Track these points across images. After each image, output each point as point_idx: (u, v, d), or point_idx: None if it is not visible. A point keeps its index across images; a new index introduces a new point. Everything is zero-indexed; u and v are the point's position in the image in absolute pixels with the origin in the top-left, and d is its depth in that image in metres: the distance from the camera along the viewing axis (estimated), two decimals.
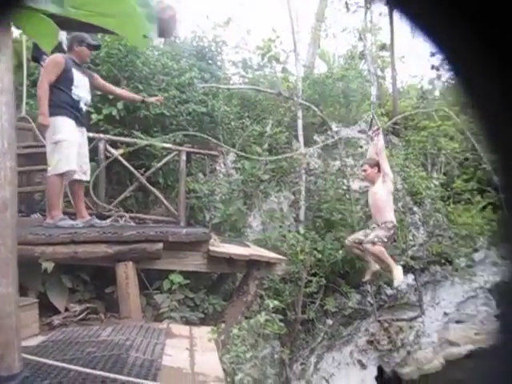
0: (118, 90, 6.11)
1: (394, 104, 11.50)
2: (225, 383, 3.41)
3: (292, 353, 8.41)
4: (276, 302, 4.99)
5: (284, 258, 5.82)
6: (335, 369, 9.89)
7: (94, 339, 4.16)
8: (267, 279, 7.64)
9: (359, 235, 6.87)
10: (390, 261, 6.54)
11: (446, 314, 11.71)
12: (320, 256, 7.74)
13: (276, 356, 7.96)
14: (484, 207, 10.39)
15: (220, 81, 10.05)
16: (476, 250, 11.13)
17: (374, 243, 6.28)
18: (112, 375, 3.19)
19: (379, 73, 12.98)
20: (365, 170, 6.56)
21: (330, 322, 8.80)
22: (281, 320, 7.49)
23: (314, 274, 7.90)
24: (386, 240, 6.35)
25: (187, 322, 5.04)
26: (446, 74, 15.02)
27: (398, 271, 6.55)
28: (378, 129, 6.69)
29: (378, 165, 6.32)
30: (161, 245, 4.94)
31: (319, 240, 8.00)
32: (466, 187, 10.73)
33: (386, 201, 6.44)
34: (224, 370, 4.00)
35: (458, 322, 12.46)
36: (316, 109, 9.30)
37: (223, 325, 4.34)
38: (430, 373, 11.50)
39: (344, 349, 10.07)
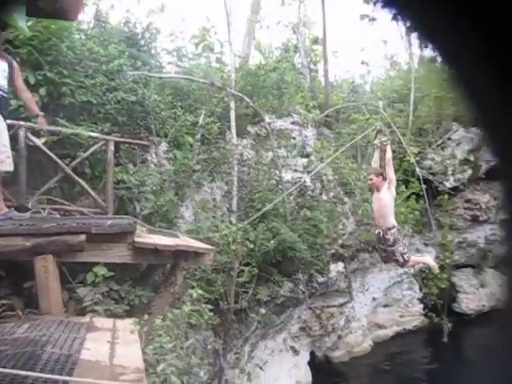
0: (24, 94, 5.67)
1: (325, 97, 11.80)
2: (144, 374, 3.37)
3: (226, 342, 8.46)
4: (200, 292, 4.99)
5: (212, 248, 5.82)
6: (269, 356, 10.08)
7: (8, 337, 3.96)
8: (199, 270, 7.62)
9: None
10: (422, 259, 8.21)
11: (374, 298, 12.29)
12: (252, 246, 7.81)
13: (209, 346, 7.98)
14: (408, 197, 10.95)
15: (152, 69, 9.80)
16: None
17: (407, 261, 7.01)
18: (23, 372, 3.05)
19: (313, 66, 13.25)
20: (371, 179, 6.95)
21: (263, 310, 8.92)
22: (213, 310, 7.54)
23: (247, 264, 7.97)
24: (404, 248, 7.03)
25: (112, 315, 4.92)
26: (375, 70, 15.62)
27: (430, 261, 8.18)
28: (387, 141, 7.18)
29: (382, 174, 6.76)
30: (83, 237, 4.77)
31: (251, 230, 8.07)
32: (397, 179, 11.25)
33: (390, 206, 6.98)
34: (146, 361, 3.95)
35: (385, 306, 13.12)
36: (248, 100, 9.34)
37: (147, 316, 4.27)
38: (360, 355, 12.07)
39: (277, 336, 10.29)
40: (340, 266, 10.16)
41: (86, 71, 7.83)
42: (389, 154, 6.92)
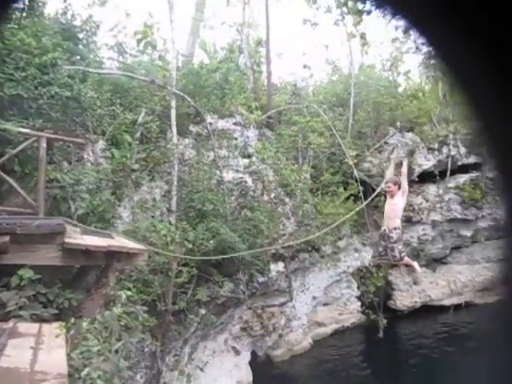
0: None
1: (268, 98, 11.92)
2: (67, 380, 3.25)
3: (164, 344, 8.34)
4: (129, 293, 4.86)
5: (146, 248, 5.71)
6: (209, 357, 10.05)
7: None
8: (136, 271, 7.47)
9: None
10: (412, 262, 9.25)
11: (314, 297, 12.55)
12: (191, 246, 7.75)
13: (146, 349, 7.83)
14: (347, 198, 11.29)
15: (91, 64, 9.48)
16: (340, 238, 12.07)
17: (402, 258, 8.44)
18: None
19: (256, 67, 13.34)
20: (389, 187, 8.32)
21: (203, 311, 8.88)
22: (150, 311, 7.40)
23: (185, 264, 7.89)
24: (402, 247, 8.48)
25: (39, 320, 4.71)
26: (318, 74, 15.98)
27: (417, 267, 9.56)
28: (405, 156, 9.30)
29: (398, 183, 8.21)
30: (7, 238, 4.53)
31: (190, 230, 8.01)
32: (333, 180, 11.56)
33: (400, 211, 8.45)
34: (72, 366, 3.82)
35: (325, 304, 13.44)
36: (190, 99, 9.26)
37: (74, 319, 4.12)
38: (300, 353, 12.31)
39: (218, 337, 10.28)
40: (280, 265, 10.30)
41: (16, 63, 7.44)
42: (404, 169, 8.64)
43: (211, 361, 9.98)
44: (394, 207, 8.29)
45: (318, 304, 13.10)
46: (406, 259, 8.84)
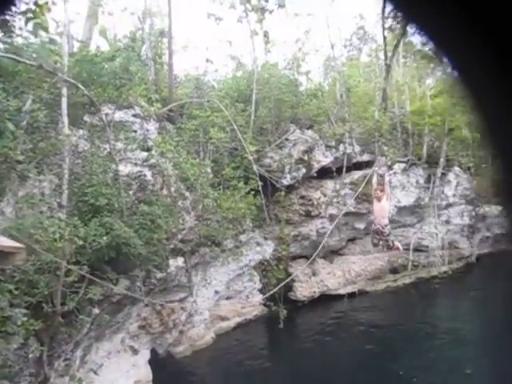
0: None
1: (169, 91, 11.67)
2: None
3: (53, 349, 7.81)
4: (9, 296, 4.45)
5: (22, 246, 5.26)
6: (105, 359, 9.62)
7: None
8: (19, 271, 6.89)
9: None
10: (398, 245, 11.08)
11: (216, 291, 12.59)
12: (82, 243, 7.32)
13: (31, 355, 7.27)
14: (248, 193, 11.44)
15: None
16: (242, 232, 12.22)
17: (393, 245, 10.71)
18: None
19: (159, 59, 12.99)
20: (377, 193, 10.27)
21: (96, 311, 8.43)
22: (35, 314, 6.89)
23: (76, 263, 7.45)
24: (392, 238, 10.87)
25: None
26: (223, 69, 15.97)
27: (400, 246, 11.51)
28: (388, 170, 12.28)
29: (383, 190, 10.23)
30: None
31: (82, 226, 7.57)
32: (234, 174, 11.64)
33: (387, 211, 10.75)
34: None
35: (227, 298, 13.56)
36: (83, 88, 8.73)
37: None
38: (202, 347, 12.28)
39: (114, 337, 9.86)
40: (180, 260, 10.15)
41: None
42: (386, 179, 10.82)
43: (106, 362, 9.57)
44: (383, 209, 10.32)
45: (221, 298, 13.18)
46: (396, 243, 11.01)
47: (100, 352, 9.42)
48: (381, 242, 10.69)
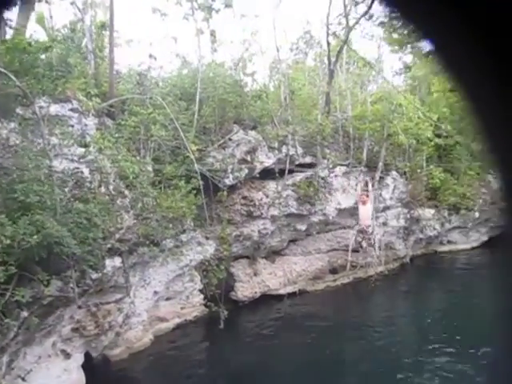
0: None
1: (110, 86, 11.33)
2: None
3: None
4: None
5: None
6: (34, 364, 9.17)
7: None
8: None
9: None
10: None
11: (155, 292, 12.34)
12: (9, 242, 6.94)
13: None
14: (189, 192, 11.32)
15: None
16: (183, 232, 12.07)
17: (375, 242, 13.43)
18: None
19: (100, 52, 12.57)
20: (363, 198, 12.36)
21: (24, 313, 8.03)
22: None
23: (3, 263, 7.05)
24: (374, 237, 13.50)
25: None
26: (168, 66, 15.74)
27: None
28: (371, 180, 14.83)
29: (368, 195, 12.06)
30: None
31: (9, 224, 7.16)
32: (176, 173, 11.48)
33: (370, 213, 12.57)
34: None
35: (167, 299, 13.34)
36: (14, 78, 8.26)
37: None
38: (140, 350, 12.01)
39: (45, 341, 9.41)
40: (117, 260, 9.88)
41: None
42: (370, 186, 12.88)
43: (36, 368, 9.13)
44: (367, 211, 12.19)
45: (160, 299, 12.94)
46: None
47: (29, 357, 8.96)
48: (364, 241, 12.69)
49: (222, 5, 14.62)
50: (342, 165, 16.42)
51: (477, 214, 20.56)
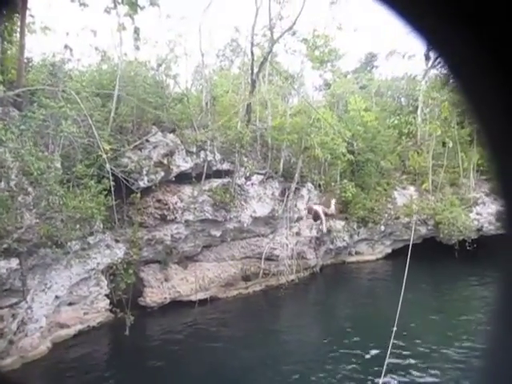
0: None
1: (18, 74, 10.56)
2: None
3: None
4: None
5: None
6: None
7: None
8: None
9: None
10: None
11: (57, 297, 11.62)
12: None
13: None
14: (100, 192, 10.84)
15: None
16: (91, 234, 11.51)
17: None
18: None
19: (9, 37, 11.67)
20: (329, 212, 15.50)
21: None
22: None
23: None
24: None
25: None
26: (80, 57, 15.01)
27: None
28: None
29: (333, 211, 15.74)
30: None
31: None
32: (87, 172, 10.95)
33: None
34: None
35: (70, 304, 12.61)
36: None
37: None
38: (36, 359, 11.20)
39: None
40: (14, 262, 9.18)
41: None
42: (333, 207, 15.70)
43: None
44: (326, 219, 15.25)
45: (62, 304, 12.21)
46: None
47: None
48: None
49: (147, 2, 14.30)
50: (259, 173, 16.70)
51: (382, 228, 21.89)
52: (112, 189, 10.66)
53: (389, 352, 8.09)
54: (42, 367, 11.07)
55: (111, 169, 10.67)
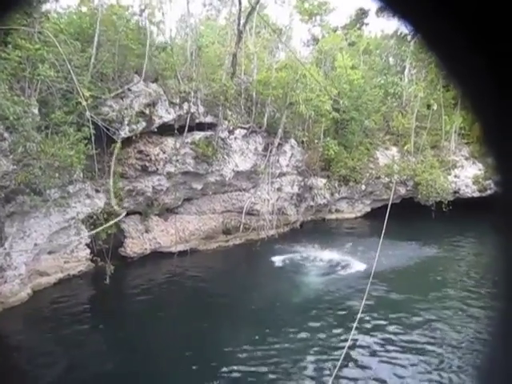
0: None
1: None
2: None
3: None
4: None
5: None
6: None
7: None
8: None
9: None
10: None
11: (36, 245, 11.59)
12: None
13: None
14: (79, 141, 10.62)
15: None
16: (71, 183, 11.37)
17: None
18: None
19: None
20: None
21: None
22: None
23: None
24: None
25: None
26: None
27: None
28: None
29: None
30: None
31: None
32: (66, 119, 10.66)
33: None
34: None
35: (50, 252, 12.62)
36: None
37: None
38: (16, 305, 11.29)
39: None
40: None
41: None
42: None
43: None
44: None
45: (42, 252, 12.21)
46: None
47: None
48: None
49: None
50: (242, 128, 16.53)
51: (363, 187, 22.17)
52: (92, 138, 10.45)
53: (365, 296, 8.44)
54: (23, 313, 11.19)
55: (91, 116, 10.39)
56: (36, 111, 10.21)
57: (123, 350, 9.49)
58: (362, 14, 34.53)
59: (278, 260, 15.85)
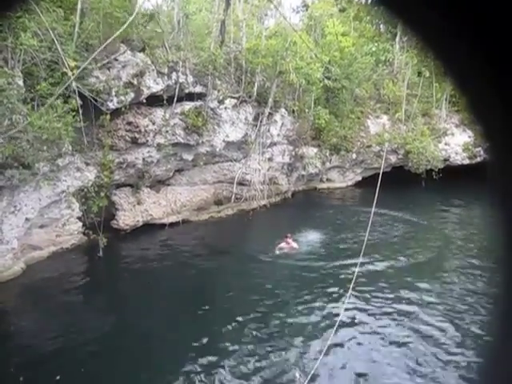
0: None
1: None
2: None
3: None
4: None
5: None
6: None
7: None
8: None
9: None
10: None
11: (27, 219, 11.53)
12: None
13: None
14: (67, 113, 10.44)
15: None
16: (60, 156, 11.24)
17: None
18: None
19: None
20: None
21: None
22: None
23: None
24: None
25: None
26: None
27: None
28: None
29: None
30: None
31: None
32: (52, 91, 10.44)
33: None
34: None
35: (41, 226, 12.57)
36: None
37: None
38: (10, 279, 11.32)
39: None
40: None
41: None
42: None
43: None
44: None
45: (33, 226, 12.15)
46: None
47: None
48: None
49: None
50: (232, 97, 16.32)
51: (354, 156, 22.20)
52: (80, 109, 10.27)
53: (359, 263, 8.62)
54: (17, 286, 11.23)
55: (77, 87, 10.17)
56: (21, 83, 9.97)
57: (116, 317, 9.67)
58: None
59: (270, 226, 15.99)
